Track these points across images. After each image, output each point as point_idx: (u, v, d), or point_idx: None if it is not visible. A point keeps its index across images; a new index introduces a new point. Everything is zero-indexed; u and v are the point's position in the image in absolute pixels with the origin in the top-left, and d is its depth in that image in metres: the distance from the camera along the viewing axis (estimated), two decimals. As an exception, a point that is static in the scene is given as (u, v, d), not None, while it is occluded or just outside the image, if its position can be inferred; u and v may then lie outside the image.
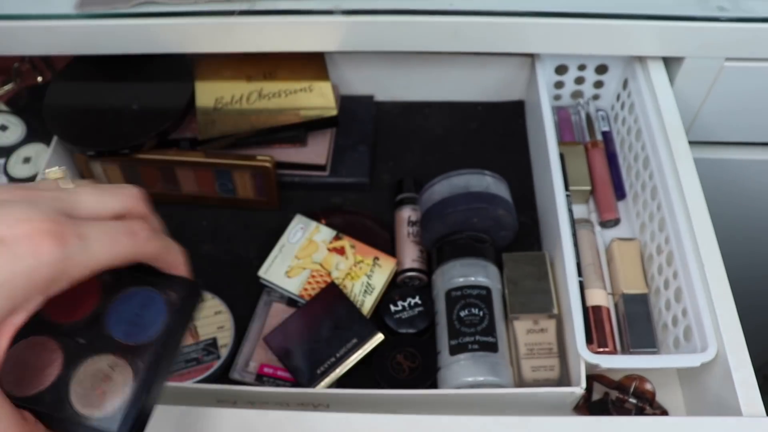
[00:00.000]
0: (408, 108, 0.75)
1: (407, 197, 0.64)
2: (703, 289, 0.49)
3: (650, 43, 0.60)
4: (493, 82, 0.73)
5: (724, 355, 0.46)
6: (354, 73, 0.73)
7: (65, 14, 0.60)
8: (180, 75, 0.66)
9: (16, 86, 0.74)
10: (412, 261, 0.59)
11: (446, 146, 0.71)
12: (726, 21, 0.57)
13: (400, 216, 0.63)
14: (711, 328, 0.47)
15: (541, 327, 0.54)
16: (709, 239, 0.51)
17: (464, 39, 0.60)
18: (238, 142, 0.64)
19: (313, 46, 0.61)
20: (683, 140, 0.57)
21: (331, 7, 0.59)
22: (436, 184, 0.59)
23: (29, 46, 0.62)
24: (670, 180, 0.54)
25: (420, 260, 0.60)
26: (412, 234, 0.61)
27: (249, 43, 0.61)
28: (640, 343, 0.54)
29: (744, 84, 0.63)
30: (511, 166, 0.69)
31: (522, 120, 0.73)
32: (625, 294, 0.56)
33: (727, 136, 0.70)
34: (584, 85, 0.70)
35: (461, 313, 0.53)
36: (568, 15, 0.58)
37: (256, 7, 0.59)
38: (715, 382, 0.47)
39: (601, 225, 0.63)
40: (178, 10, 0.59)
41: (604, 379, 0.53)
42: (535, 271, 0.56)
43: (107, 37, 0.60)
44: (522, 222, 0.65)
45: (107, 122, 0.62)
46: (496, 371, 0.50)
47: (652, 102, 0.60)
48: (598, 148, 0.66)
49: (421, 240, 0.60)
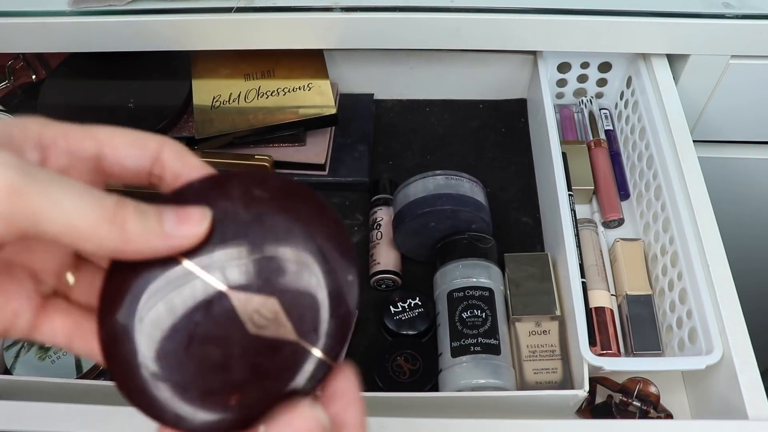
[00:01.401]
0: (408, 106, 0.74)
1: (382, 198, 0.63)
2: (708, 291, 0.48)
3: (654, 40, 0.59)
4: (494, 80, 0.72)
5: (729, 357, 0.45)
6: (353, 71, 0.72)
7: (60, 11, 0.59)
8: (177, 73, 0.66)
9: (10, 84, 0.74)
10: (386, 263, 0.59)
11: (447, 145, 0.71)
12: (731, 18, 0.57)
13: (374, 217, 0.63)
14: (716, 330, 0.46)
15: (544, 329, 0.53)
16: (714, 240, 0.50)
17: (466, 36, 0.59)
18: (236, 141, 0.63)
19: (312, 44, 0.61)
20: (688, 139, 0.56)
21: (331, 4, 0.58)
22: (410, 184, 0.59)
23: (23, 43, 0.62)
24: (675, 179, 0.54)
25: (395, 262, 0.59)
26: (384, 235, 0.61)
27: (247, 40, 0.60)
28: (644, 345, 0.53)
29: (749, 82, 0.62)
30: (513, 165, 0.69)
31: (524, 118, 0.73)
32: (629, 295, 0.55)
33: (733, 134, 0.70)
34: (587, 83, 0.69)
35: (463, 315, 0.52)
36: (571, 12, 0.58)
37: (255, 3, 0.59)
38: (721, 384, 0.46)
39: (605, 225, 0.62)
40: (175, 6, 0.59)
41: (607, 381, 0.52)
42: (538, 272, 0.55)
43: (102, 34, 0.60)
44: (524, 222, 0.65)
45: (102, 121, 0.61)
46: (499, 374, 0.49)
47: (656, 100, 0.59)
48: (601, 147, 0.66)
49: (394, 241, 0.59)
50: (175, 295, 0.25)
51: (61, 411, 0.44)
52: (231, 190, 0.26)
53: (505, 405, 0.49)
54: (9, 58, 0.73)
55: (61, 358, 0.54)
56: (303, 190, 0.26)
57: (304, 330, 0.25)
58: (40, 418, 0.44)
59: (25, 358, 0.54)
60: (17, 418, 0.44)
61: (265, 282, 0.25)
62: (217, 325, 0.25)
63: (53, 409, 0.44)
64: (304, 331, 0.25)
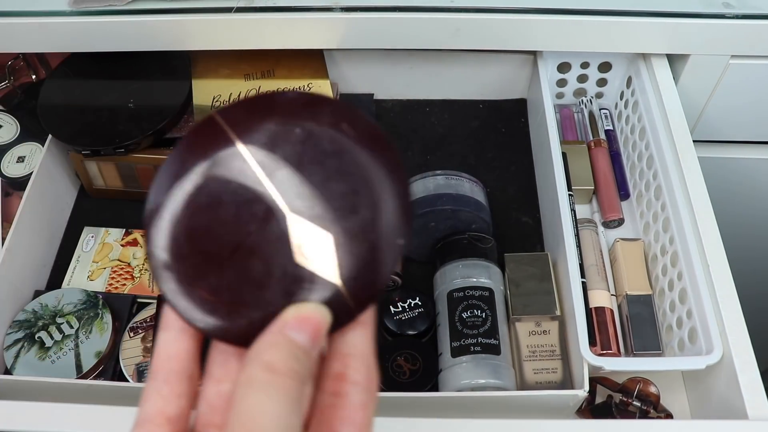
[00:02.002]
0: (408, 106, 0.74)
1: None
2: (708, 291, 0.48)
3: (654, 40, 0.59)
4: (494, 80, 0.72)
5: (729, 357, 0.45)
6: (354, 71, 0.72)
7: (60, 11, 0.59)
8: (177, 73, 0.65)
9: (9, 84, 0.74)
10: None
11: (447, 145, 0.71)
12: (731, 18, 0.57)
13: None
14: (716, 330, 0.46)
15: (544, 329, 0.53)
16: (715, 240, 0.50)
17: (466, 36, 0.59)
18: (236, 140, 0.63)
19: (312, 44, 0.60)
20: (688, 139, 0.56)
21: (331, 4, 0.58)
22: (410, 184, 0.59)
23: (23, 43, 0.61)
24: (675, 179, 0.54)
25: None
26: None
27: (247, 40, 0.60)
28: (644, 345, 0.53)
29: (750, 82, 0.62)
30: (513, 165, 0.69)
31: (524, 118, 0.73)
32: (629, 295, 0.55)
33: (733, 134, 0.70)
34: (587, 83, 0.69)
35: (463, 315, 0.52)
36: (571, 12, 0.58)
37: (255, 3, 0.59)
38: (721, 384, 0.46)
39: (605, 225, 0.62)
40: (175, 6, 0.59)
41: (607, 381, 0.52)
42: (538, 272, 0.55)
43: (102, 34, 0.60)
44: (524, 222, 0.65)
45: (103, 121, 0.62)
46: (499, 374, 0.49)
47: (656, 100, 0.59)
48: (601, 147, 0.66)
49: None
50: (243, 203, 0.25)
51: (61, 411, 0.44)
52: (322, 116, 0.26)
53: (505, 405, 0.49)
54: (9, 58, 0.73)
55: (61, 358, 0.54)
56: (387, 142, 0.26)
57: (342, 274, 0.25)
58: (40, 417, 0.44)
59: (25, 358, 0.54)
60: (17, 417, 0.44)
61: (326, 216, 0.25)
62: (268, 243, 0.25)
63: (53, 408, 0.44)
64: (341, 274, 0.25)
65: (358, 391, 0.23)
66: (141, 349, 0.55)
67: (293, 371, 0.22)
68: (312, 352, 0.23)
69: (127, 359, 0.55)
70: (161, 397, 0.24)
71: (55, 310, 0.57)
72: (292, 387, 0.22)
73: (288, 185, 0.25)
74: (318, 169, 0.25)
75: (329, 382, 0.24)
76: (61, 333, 0.55)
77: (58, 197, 0.65)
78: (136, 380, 0.54)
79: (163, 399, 0.24)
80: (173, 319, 0.25)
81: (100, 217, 0.66)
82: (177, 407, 0.24)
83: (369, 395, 0.24)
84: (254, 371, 0.22)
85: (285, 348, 0.23)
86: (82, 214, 0.67)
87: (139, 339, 0.56)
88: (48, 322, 0.56)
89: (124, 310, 0.58)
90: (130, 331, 0.56)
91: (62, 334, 0.55)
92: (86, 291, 0.58)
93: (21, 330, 0.56)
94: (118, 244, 0.63)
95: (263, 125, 0.26)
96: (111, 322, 0.56)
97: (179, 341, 0.25)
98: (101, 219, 0.66)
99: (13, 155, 0.69)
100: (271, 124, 0.26)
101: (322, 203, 0.25)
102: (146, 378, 0.24)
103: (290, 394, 0.22)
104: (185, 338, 0.25)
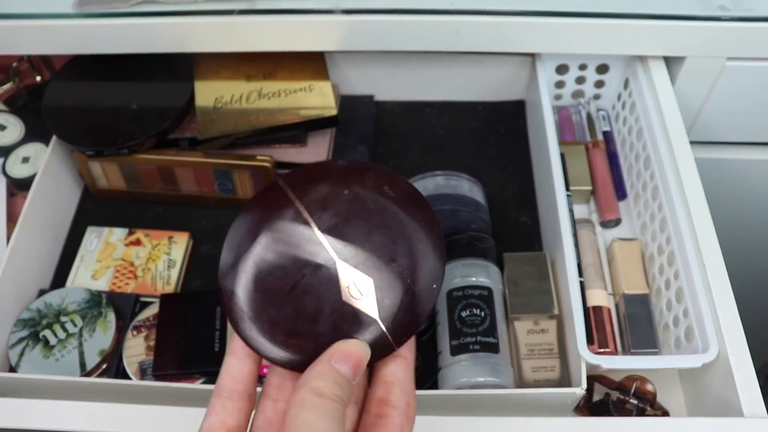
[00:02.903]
0: (408, 108, 0.75)
1: None
2: (704, 290, 0.48)
3: (651, 42, 0.60)
4: (493, 82, 0.73)
5: (725, 355, 0.46)
6: (354, 73, 0.72)
7: (64, 13, 0.59)
8: (179, 74, 0.66)
9: (14, 85, 0.74)
10: None
11: (446, 146, 0.71)
12: (728, 20, 0.57)
13: None
14: (712, 329, 0.47)
15: (542, 327, 0.53)
16: (711, 239, 0.50)
17: (465, 38, 0.60)
18: (238, 141, 0.64)
19: (313, 46, 0.61)
20: (684, 140, 0.56)
21: (332, 7, 0.59)
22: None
23: (28, 45, 0.62)
24: (672, 180, 0.54)
25: None
26: None
27: (249, 42, 0.61)
28: (641, 344, 0.53)
29: (746, 84, 0.63)
30: (512, 165, 0.69)
31: (522, 120, 0.73)
32: (626, 294, 0.56)
33: (729, 136, 0.70)
34: (585, 85, 0.70)
35: (462, 314, 0.52)
36: (569, 14, 0.58)
37: (256, 6, 0.59)
38: (717, 382, 0.47)
39: (602, 225, 0.63)
40: (178, 9, 0.59)
41: (604, 379, 0.53)
42: (536, 272, 0.56)
43: (106, 36, 0.60)
44: (523, 222, 0.65)
45: (106, 122, 0.62)
46: (497, 372, 0.50)
47: (653, 102, 0.60)
48: (599, 147, 0.66)
49: None
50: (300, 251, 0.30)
51: (65, 408, 0.45)
52: (367, 180, 0.32)
53: (504, 403, 0.49)
54: (14, 60, 0.74)
55: (65, 356, 0.55)
56: (422, 200, 0.32)
57: (382, 313, 0.29)
58: (45, 415, 0.45)
59: (30, 356, 0.55)
60: (22, 415, 0.45)
61: (369, 264, 0.30)
62: (320, 284, 0.30)
63: (57, 406, 0.45)
64: (382, 313, 0.29)
65: (398, 414, 0.28)
66: (144, 348, 0.56)
67: (337, 396, 0.27)
68: (353, 381, 0.28)
69: (130, 357, 0.56)
70: (224, 410, 0.29)
71: (59, 309, 0.57)
72: (336, 409, 0.27)
73: (338, 237, 0.30)
74: (362, 224, 0.30)
75: (373, 405, 0.29)
76: (65, 331, 0.56)
77: (62, 197, 0.66)
78: (138, 378, 0.54)
79: (226, 412, 0.29)
80: (240, 346, 0.30)
81: (104, 217, 0.67)
82: (237, 420, 0.29)
83: (407, 419, 0.28)
84: (305, 395, 0.27)
85: (331, 377, 0.27)
86: (86, 214, 0.67)
87: (142, 337, 0.57)
88: (52, 320, 0.57)
89: (127, 309, 0.58)
90: (133, 330, 0.57)
91: (66, 332, 0.56)
92: (90, 290, 0.58)
93: (26, 328, 0.56)
94: (121, 243, 0.63)
95: (317, 188, 0.32)
96: (114, 321, 0.56)
97: (244, 365, 0.30)
98: (105, 219, 0.66)
99: (17, 156, 0.70)
100: (324, 187, 0.31)
101: (365, 252, 0.30)
102: (212, 395, 0.30)
103: (335, 414, 0.26)
104: (249, 362, 0.30)
